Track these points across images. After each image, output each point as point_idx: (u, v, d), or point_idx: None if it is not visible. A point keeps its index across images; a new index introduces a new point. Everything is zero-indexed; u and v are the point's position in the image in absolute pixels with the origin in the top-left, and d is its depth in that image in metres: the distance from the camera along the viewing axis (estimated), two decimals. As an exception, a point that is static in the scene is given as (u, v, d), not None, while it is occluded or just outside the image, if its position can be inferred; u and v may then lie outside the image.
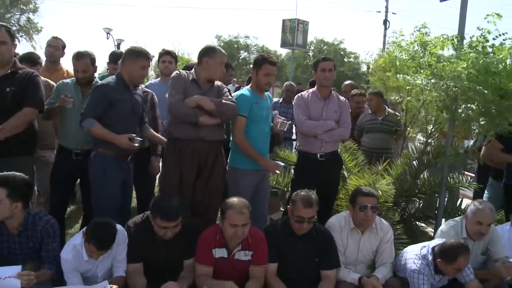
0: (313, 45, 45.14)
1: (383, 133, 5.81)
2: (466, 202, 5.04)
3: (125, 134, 3.61)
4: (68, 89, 4.13)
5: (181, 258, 3.45)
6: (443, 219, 4.54)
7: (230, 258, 3.41)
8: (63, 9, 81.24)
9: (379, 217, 3.84)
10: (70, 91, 4.08)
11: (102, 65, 9.97)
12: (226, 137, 4.12)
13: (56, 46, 5.25)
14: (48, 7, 45.02)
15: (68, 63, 4.56)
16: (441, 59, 4.28)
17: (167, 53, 5.31)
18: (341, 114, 4.44)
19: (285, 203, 4.95)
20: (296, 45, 20.44)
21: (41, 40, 33.78)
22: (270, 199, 4.74)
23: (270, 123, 4.28)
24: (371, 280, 3.50)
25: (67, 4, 76.61)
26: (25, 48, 33.36)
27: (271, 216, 5.02)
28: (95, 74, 4.27)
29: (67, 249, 3.22)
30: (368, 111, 6.11)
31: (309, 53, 43.73)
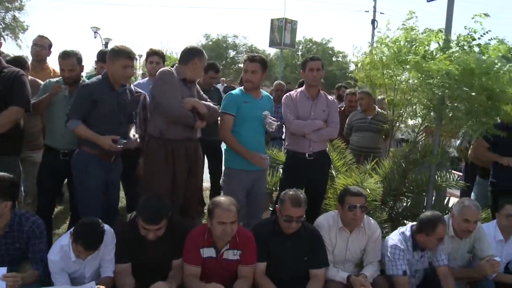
0: (302, 45, 45.27)
1: (372, 132, 5.84)
2: (453, 201, 5.09)
3: (108, 136, 3.59)
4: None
5: (170, 257, 3.44)
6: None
7: (219, 257, 3.40)
8: (49, 7, 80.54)
9: (367, 215, 3.86)
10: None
11: (89, 64, 9.92)
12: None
13: (43, 45, 5.19)
14: (34, 5, 44.69)
15: (55, 62, 4.52)
16: (427, 55, 4.29)
17: (154, 53, 5.28)
18: (329, 113, 4.44)
19: (273, 203, 4.95)
20: (284, 44, 20.44)
21: (27, 39, 33.40)
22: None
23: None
24: (359, 279, 3.52)
25: (54, 2, 76.03)
26: (10, 46, 33.05)
27: (260, 215, 5.01)
28: (82, 73, 4.23)
29: (54, 250, 3.20)
30: (359, 109, 6.15)
31: (298, 53, 43.86)
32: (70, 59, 4.02)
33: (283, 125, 5.05)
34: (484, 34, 4.18)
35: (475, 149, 4.91)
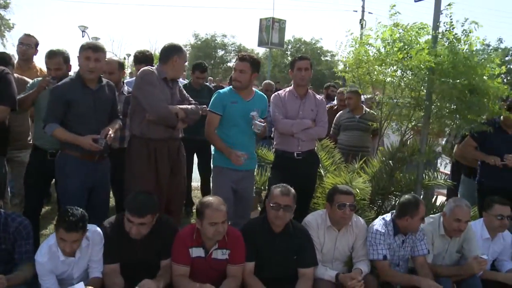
0: (291, 44, 45.36)
1: (360, 131, 5.88)
2: (440, 199, 5.13)
3: (88, 136, 3.55)
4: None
5: (158, 257, 3.42)
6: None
7: (207, 257, 3.40)
8: (36, 6, 79.63)
9: (355, 214, 3.88)
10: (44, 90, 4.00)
11: (77, 63, 9.81)
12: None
13: (29, 44, 5.12)
14: (20, 3, 43.87)
15: (42, 61, 4.47)
16: (410, 49, 4.31)
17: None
18: (317, 112, 4.45)
19: (262, 202, 4.95)
20: (271, 43, 20.33)
21: (13, 37, 33.09)
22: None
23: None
24: (348, 274, 3.56)
25: (41, 0, 75.19)
26: (-6, 45, 32.67)
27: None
28: (70, 72, 4.20)
29: (42, 251, 3.14)
30: (346, 109, 6.17)
31: (287, 52, 43.90)
32: (56, 58, 3.99)
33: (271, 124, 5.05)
34: (464, 23, 4.22)
35: (463, 148, 4.94)
